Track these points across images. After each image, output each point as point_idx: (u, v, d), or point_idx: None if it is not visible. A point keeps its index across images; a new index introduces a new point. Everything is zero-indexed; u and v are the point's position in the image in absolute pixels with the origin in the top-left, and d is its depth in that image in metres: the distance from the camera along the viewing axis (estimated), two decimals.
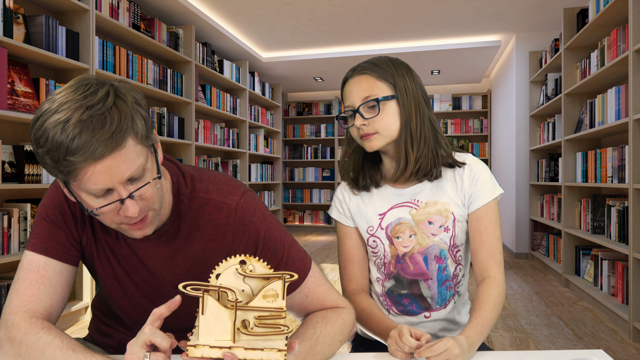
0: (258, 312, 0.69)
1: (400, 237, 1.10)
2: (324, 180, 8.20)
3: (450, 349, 0.84)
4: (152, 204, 0.81)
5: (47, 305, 0.84)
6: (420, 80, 1.11)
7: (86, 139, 0.70)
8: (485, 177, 1.08)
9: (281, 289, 0.69)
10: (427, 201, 1.10)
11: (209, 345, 0.67)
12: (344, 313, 0.93)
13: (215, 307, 0.68)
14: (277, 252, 0.92)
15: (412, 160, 1.06)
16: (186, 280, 0.93)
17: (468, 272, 1.18)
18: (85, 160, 0.71)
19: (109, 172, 0.73)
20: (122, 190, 0.75)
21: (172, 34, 4.20)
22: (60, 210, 0.89)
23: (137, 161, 0.75)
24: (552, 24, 4.96)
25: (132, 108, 0.76)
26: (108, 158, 0.72)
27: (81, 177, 0.73)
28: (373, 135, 1.06)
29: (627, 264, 2.94)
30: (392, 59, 1.09)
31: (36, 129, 0.73)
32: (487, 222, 1.07)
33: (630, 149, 2.63)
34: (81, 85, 0.74)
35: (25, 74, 2.68)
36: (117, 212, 0.78)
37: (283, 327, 0.69)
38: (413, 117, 1.06)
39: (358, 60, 6.17)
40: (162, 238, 0.91)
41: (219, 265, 0.71)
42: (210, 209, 0.91)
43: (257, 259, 0.71)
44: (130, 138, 0.74)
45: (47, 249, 0.86)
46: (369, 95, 1.05)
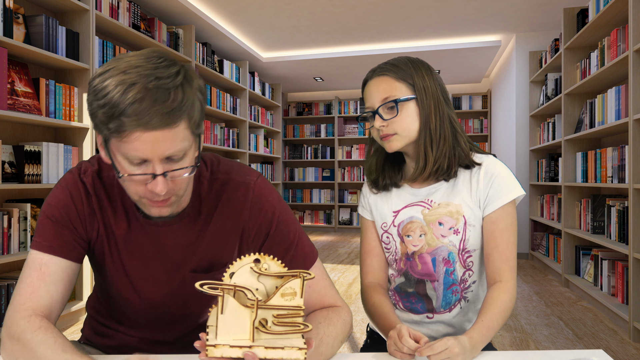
0: (276, 311, 0.69)
1: (411, 235, 1.11)
2: (324, 180, 8.20)
3: (451, 348, 0.84)
4: (179, 190, 0.82)
5: (47, 302, 0.84)
6: (441, 79, 1.11)
7: (145, 106, 0.72)
8: (501, 179, 1.06)
9: (299, 287, 0.69)
10: (440, 202, 1.09)
11: (229, 345, 0.66)
12: (344, 313, 0.93)
13: (235, 306, 0.68)
14: (290, 235, 0.94)
15: (431, 160, 1.07)
16: (203, 262, 0.94)
17: (484, 281, 1.15)
18: (137, 126, 0.72)
19: (154, 145, 0.74)
20: (158, 166, 0.77)
21: (172, 34, 4.20)
22: (66, 210, 0.89)
23: (182, 144, 0.77)
24: (552, 24, 4.96)
25: (195, 94, 0.78)
26: (158, 131, 0.74)
27: (126, 140, 0.74)
28: (392, 136, 1.07)
29: (627, 264, 2.94)
30: (412, 59, 1.09)
31: (99, 81, 0.74)
32: (502, 226, 1.05)
33: (630, 149, 2.63)
34: (154, 56, 0.76)
35: (25, 74, 2.68)
36: (145, 185, 0.79)
37: (302, 326, 0.69)
38: (432, 117, 1.06)
39: (358, 60, 6.17)
40: (183, 221, 0.92)
41: (232, 264, 0.70)
42: (229, 188, 0.94)
43: (272, 257, 0.71)
44: (184, 121, 0.76)
45: (51, 247, 0.86)
46: (388, 97, 1.06)
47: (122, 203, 0.92)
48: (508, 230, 1.05)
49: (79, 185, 0.90)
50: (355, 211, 8.05)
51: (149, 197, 0.81)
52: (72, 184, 0.90)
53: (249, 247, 0.96)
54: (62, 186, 0.91)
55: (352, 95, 8.34)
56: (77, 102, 2.97)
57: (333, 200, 8.14)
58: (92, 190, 0.91)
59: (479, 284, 1.13)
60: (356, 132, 8.07)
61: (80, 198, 0.90)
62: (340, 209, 8.10)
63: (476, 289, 1.12)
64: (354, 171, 8.06)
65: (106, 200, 0.91)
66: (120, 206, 0.92)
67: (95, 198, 0.91)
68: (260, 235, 0.95)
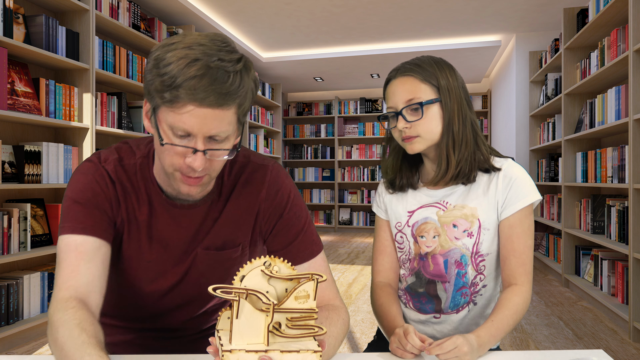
0: (290, 314, 0.69)
1: (425, 236, 1.11)
2: (324, 180, 8.19)
3: (460, 346, 0.84)
4: (213, 171, 0.84)
5: (87, 279, 0.82)
6: (463, 80, 1.10)
7: (204, 83, 0.74)
8: (520, 183, 1.05)
9: (312, 289, 0.69)
10: (455, 204, 1.09)
11: (245, 350, 0.66)
12: (342, 313, 0.94)
13: (250, 310, 0.68)
14: (301, 219, 0.97)
15: (453, 164, 1.06)
16: (217, 241, 0.95)
17: (497, 286, 1.14)
18: (192, 100, 0.75)
19: (202, 121, 0.76)
20: (201, 142, 0.78)
21: (172, 34, 4.20)
22: (93, 192, 0.88)
23: (228, 127, 0.79)
24: (552, 24, 4.96)
25: (250, 84, 0.81)
26: (210, 109, 0.76)
27: (177, 111, 0.76)
28: (415, 139, 1.06)
29: (627, 264, 2.94)
30: (436, 60, 1.08)
31: (162, 52, 0.77)
32: (519, 230, 1.04)
33: (630, 149, 2.63)
34: (219, 40, 0.79)
35: (25, 74, 2.68)
36: (183, 158, 0.80)
37: (317, 329, 0.68)
38: (455, 120, 1.06)
39: (358, 60, 6.17)
40: (205, 204, 0.94)
41: (243, 267, 0.70)
42: (248, 169, 0.97)
43: (282, 259, 0.71)
44: (235, 106, 0.79)
45: (84, 228, 0.85)
46: (412, 98, 1.05)
47: (146, 189, 0.92)
48: (525, 234, 1.04)
49: (102, 172, 0.90)
50: (355, 211, 8.06)
51: (184, 171, 0.81)
52: (94, 171, 0.90)
53: (262, 227, 0.98)
54: (84, 173, 0.90)
55: (352, 95, 8.34)
56: (77, 102, 2.97)
57: (333, 200, 8.14)
58: (115, 177, 0.91)
59: (490, 288, 1.11)
60: (356, 132, 8.07)
61: (105, 183, 0.89)
62: (340, 209, 8.10)
63: (487, 293, 1.11)
64: (354, 171, 8.06)
65: (130, 187, 0.91)
66: (144, 192, 0.92)
67: (119, 185, 0.91)
68: (274, 216, 0.97)
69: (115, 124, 3.33)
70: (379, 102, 7.98)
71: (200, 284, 0.97)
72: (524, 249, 1.04)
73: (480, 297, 1.10)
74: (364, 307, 3.33)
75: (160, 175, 0.91)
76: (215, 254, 0.95)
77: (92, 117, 3.00)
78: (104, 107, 3.21)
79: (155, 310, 0.99)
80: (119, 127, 3.37)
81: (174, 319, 1.01)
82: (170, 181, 0.85)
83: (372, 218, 7.92)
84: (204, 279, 0.97)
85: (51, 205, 2.84)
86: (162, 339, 1.04)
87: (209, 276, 0.97)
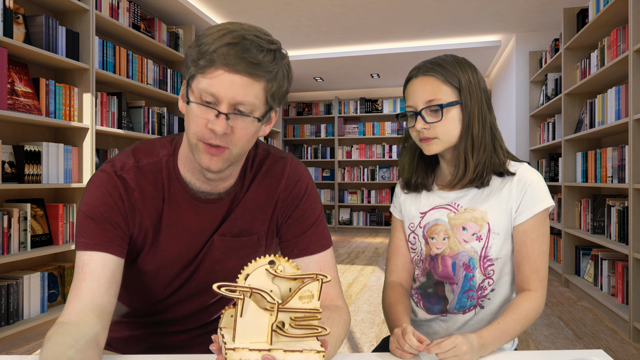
0: (294, 313, 0.69)
1: (435, 238, 1.10)
2: (324, 180, 8.19)
3: (459, 346, 0.84)
4: (236, 142, 0.84)
5: (88, 299, 0.82)
6: (484, 81, 1.08)
7: (236, 50, 0.78)
8: (534, 189, 1.03)
9: (317, 290, 0.69)
10: (466, 207, 1.08)
11: (248, 348, 0.66)
12: (344, 314, 0.94)
13: (254, 309, 0.68)
14: (316, 211, 1.00)
15: (471, 168, 1.05)
16: (233, 229, 0.96)
17: (506, 291, 1.10)
18: (223, 64, 0.78)
19: (229, 86, 0.79)
20: (225, 107, 0.81)
21: (172, 34, 4.20)
22: (106, 207, 0.88)
23: (254, 100, 0.82)
24: (552, 24, 4.96)
25: (282, 67, 0.84)
26: (238, 76, 0.79)
27: (207, 76, 0.80)
28: (433, 140, 1.05)
29: (627, 264, 2.94)
30: (459, 60, 1.06)
31: (205, 30, 0.83)
32: (534, 235, 1.03)
33: (630, 149, 2.63)
34: (261, 29, 0.85)
35: (25, 74, 2.68)
36: (206, 125, 0.82)
37: (320, 329, 0.69)
38: (475, 123, 1.04)
39: (358, 60, 6.17)
40: (229, 198, 0.95)
41: (247, 265, 0.71)
42: (268, 161, 0.99)
43: (286, 259, 0.71)
44: (264, 81, 0.82)
45: (95, 244, 0.86)
46: (432, 99, 1.04)
47: (170, 186, 0.92)
48: (540, 239, 1.03)
49: (117, 182, 0.90)
50: (355, 211, 8.06)
51: (207, 138, 0.82)
52: (107, 182, 0.90)
53: (279, 217, 0.99)
54: (97, 185, 0.90)
55: (352, 95, 8.34)
56: (77, 102, 2.97)
57: (333, 200, 8.14)
58: (135, 185, 0.91)
59: (502, 294, 1.09)
60: (356, 132, 8.08)
61: (119, 195, 0.89)
62: (340, 209, 8.10)
63: (498, 299, 1.09)
64: (354, 171, 8.06)
65: (152, 189, 0.92)
66: (168, 190, 0.92)
67: (139, 192, 0.91)
68: (292, 206, 0.98)
69: (115, 124, 3.33)
70: (378, 102, 7.98)
71: (215, 272, 0.98)
72: (538, 255, 1.02)
73: (488, 301, 1.09)
74: (364, 307, 3.33)
75: (185, 169, 0.92)
76: (231, 240, 0.96)
77: (92, 117, 3.00)
78: (104, 107, 3.21)
79: (167, 302, 1.00)
80: (119, 127, 3.37)
81: (184, 309, 1.01)
82: (194, 155, 0.85)
83: (372, 218, 7.93)
84: (220, 266, 0.97)
85: (51, 205, 2.84)
86: (170, 334, 1.04)
87: (224, 263, 0.97)
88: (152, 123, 3.78)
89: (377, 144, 7.97)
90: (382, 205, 7.94)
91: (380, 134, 7.90)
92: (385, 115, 8.04)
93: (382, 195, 7.88)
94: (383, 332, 2.79)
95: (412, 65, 6.47)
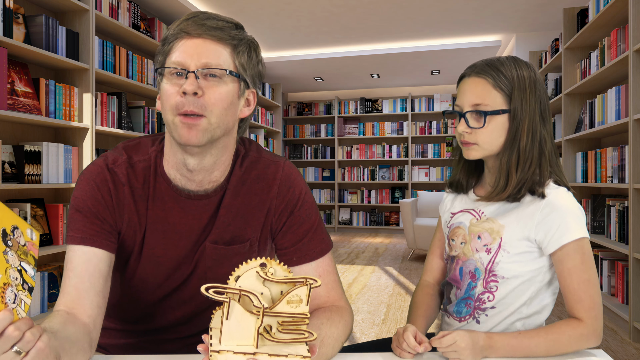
0: (282, 318, 0.69)
1: (455, 240, 1.10)
2: (324, 180, 8.19)
3: (459, 342, 0.85)
4: (211, 108, 0.83)
5: (73, 295, 0.83)
6: (544, 91, 1.02)
7: (195, 20, 0.83)
8: (562, 218, 0.96)
9: (305, 294, 0.69)
10: (489, 216, 1.05)
11: (233, 351, 0.66)
12: (346, 314, 0.93)
13: (240, 312, 0.68)
14: (311, 217, 0.98)
15: (513, 183, 0.99)
16: (225, 235, 0.95)
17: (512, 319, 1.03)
18: (184, 35, 0.83)
19: (194, 50, 0.82)
20: (193, 67, 0.82)
21: None
22: (94, 201, 0.88)
23: (221, 63, 0.83)
24: (552, 24, 4.96)
25: (248, 41, 0.88)
26: (200, 39, 0.82)
27: (173, 50, 0.83)
28: (472, 145, 1.02)
29: (627, 264, 2.94)
30: (519, 63, 1.01)
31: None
32: (570, 265, 0.96)
33: (630, 149, 2.63)
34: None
35: (25, 74, 2.68)
36: (178, 92, 0.82)
37: (307, 334, 0.68)
38: (524, 135, 0.99)
39: (358, 60, 6.17)
40: (217, 196, 0.94)
41: (238, 267, 0.70)
42: (260, 165, 0.97)
43: (278, 262, 0.71)
44: (230, 48, 0.85)
45: (81, 238, 0.86)
46: (479, 104, 0.99)
47: (157, 183, 0.92)
48: (578, 269, 0.95)
49: (106, 176, 0.90)
50: (355, 211, 8.06)
51: (180, 106, 0.82)
52: (97, 175, 0.90)
53: (273, 224, 0.98)
54: (87, 178, 0.90)
55: (352, 95, 8.34)
56: (77, 102, 2.97)
57: (333, 200, 8.14)
58: (126, 180, 0.91)
59: (500, 315, 1.03)
60: (356, 132, 8.07)
61: (107, 189, 0.89)
62: (340, 209, 8.10)
63: (494, 318, 1.03)
64: (354, 171, 8.06)
65: (140, 186, 0.92)
66: (155, 188, 0.92)
67: (128, 188, 0.91)
68: (285, 213, 0.97)
69: (115, 124, 3.33)
70: (378, 102, 7.98)
71: (206, 278, 0.97)
72: (578, 285, 0.95)
73: (485, 317, 1.04)
74: (364, 307, 3.33)
75: (169, 166, 0.92)
76: (223, 248, 0.95)
77: (92, 117, 3.00)
78: (104, 107, 3.21)
79: (159, 309, 0.99)
80: (119, 127, 3.37)
81: (178, 316, 1.01)
82: (173, 134, 0.85)
83: (372, 218, 7.92)
84: (212, 273, 0.97)
85: (51, 205, 2.83)
86: (165, 342, 1.03)
87: (216, 270, 0.97)
88: (152, 123, 3.78)
89: (377, 144, 7.96)
90: (382, 205, 7.94)
91: (380, 134, 7.90)
92: (385, 115, 8.04)
93: (382, 195, 7.88)
94: (383, 332, 2.79)
95: (412, 65, 6.47)
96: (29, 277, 0.67)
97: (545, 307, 1.04)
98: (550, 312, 1.13)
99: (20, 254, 0.67)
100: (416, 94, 8.03)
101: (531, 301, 1.03)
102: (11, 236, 0.66)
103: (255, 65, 0.89)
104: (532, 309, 1.03)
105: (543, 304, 1.04)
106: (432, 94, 7.90)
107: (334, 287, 0.97)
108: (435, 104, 7.70)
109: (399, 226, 7.78)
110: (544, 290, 1.03)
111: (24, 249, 0.68)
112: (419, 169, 7.78)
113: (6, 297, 0.62)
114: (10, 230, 0.66)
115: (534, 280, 1.01)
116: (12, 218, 0.67)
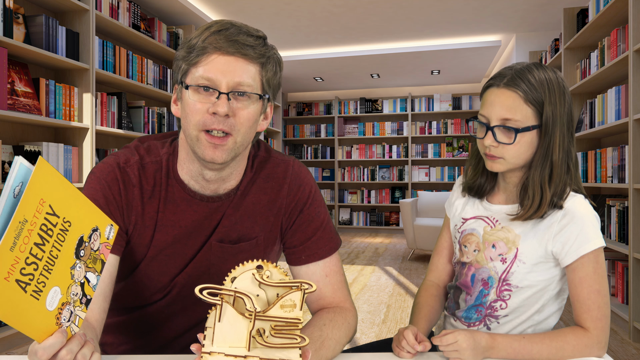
0: (274, 322, 0.69)
1: (467, 247, 1.09)
2: (324, 180, 8.19)
3: (460, 342, 0.85)
4: (239, 127, 0.83)
5: None
6: (571, 103, 1.00)
7: (226, 36, 0.81)
8: (581, 228, 0.95)
9: (299, 299, 0.69)
10: (503, 225, 1.03)
11: (224, 354, 0.66)
12: (349, 316, 0.93)
13: (233, 315, 0.68)
14: (320, 215, 0.98)
15: (548, 199, 0.96)
16: (232, 234, 0.94)
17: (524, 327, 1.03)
18: (215, 49, 0.80)
19: (226, 67, 0.81)
20: (224, 87, 0.81)
21: (172, 34, 4.20)
22: (104, 201, 0.87)
23: (251, 82, 0.83)
24: (552, 24, 4.96)
25: (274, 55, 0.87)
26: (232, 57, 0.81)
27: (202, 63, 0.81)
28: (498, 159, 0.99)
29: (627, 264, 2.94)
30: (549, 78, 0.97)
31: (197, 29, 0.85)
32: (582, 274, 0.95)
33: (630, 149, 2.63)
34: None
35: (25, 74, 2.68)
36: (207, 109, 0.81)
37: (300, 339, 0.68)
38: (556, 149, 0.96)
39: (358, 60, 6.17)
40: (229, 199, 0.94)
41: (235, 268, 0.70)
42: (269, 165, 0.98)
43: (274, 264, 0.70)
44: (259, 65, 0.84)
45: None
46: (509, 119, 0.96)
47: (169, 185, 0.91)
48: (590, 278, 0.94)
49: (117, 175, 0.89)
50: (355, 211, 8.06)
51: (209, 124, 0.81)
52: (107, 174, 0.89)
53: (283, 222, 0.97)
54: (97, 177, 0.89)
55: (352, 95, 8.34)
56: (77, 102, 2.97)
57: (333, 200, 8.14)
58: (137, 181, 0.90)
59: (512, 323, 1.03)
60: (356, 132, 8.08)
61: (118, 189, 0.89)
62: (340, 209, 8.10)
63: (506, 326, 1.04)
64: (354, 171, 8.06)
65: (151, 188, 0.91)
66: (167, 189, 0.91)
67: (138, 189, 0.90)
68: (295, 212, 0.97)
69: (115, 124, 3.33)
70: (378, 102, 7.98)
71: (210, 275, 0.96)
72: (588, 295, 0.94)
73: (497, 324, 1.04)
74: (364, 307, 3.33)
75: (184, 172, 0.91)
76: (229, 247, 0.94)
77: (92, 117, 3.00)
78: (104, 107, 3.21)
79: (162, 314, 0.98)
80: (119, 127, 3.37)
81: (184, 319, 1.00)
82: (196, 150, 0.84)
83: (372, 218, 7.92)
84: (215, 269, 0.96)
85: None
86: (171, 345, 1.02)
87: (220, 267, 0.96)
88: (152, 123, 3.78)
89: (377, 144, 7.96)
90: (382, 205, 7.94)
91: (380, 134, 7.90)
92: (385, 115, 8.04)
93: (382, 195, 7.88)
94: (383, 333, 2.79)
95: (412, 64, 6.47)
96: (90, 288, 0.66)
97: (554, 313, 1.05)
98: (559, 318, 1.12)
99: (88, 262, 0.65)
100: (416, 94, 8.03)
101: (543, 308, 1.03)
102: (87, 243, 0.64)
103: (278, 79, 0.89)
104: (543, 316, 1.04)
105: (553, 309, 1.05)
106: (432, 94, 7.90)
107: (340, 288, 0.96)
108: (435, 104, 7.70)
109: (399, 226, 7.78)
110: (555, 297, 1.04)
111: (95, 254, 0.67)
112: (419, 169, 7.79)
113: (62, 317, 0.61)
114: (87, 236, 0.64)
115: (547, 288, 1.02)
116: (96, 218, 0.65)
